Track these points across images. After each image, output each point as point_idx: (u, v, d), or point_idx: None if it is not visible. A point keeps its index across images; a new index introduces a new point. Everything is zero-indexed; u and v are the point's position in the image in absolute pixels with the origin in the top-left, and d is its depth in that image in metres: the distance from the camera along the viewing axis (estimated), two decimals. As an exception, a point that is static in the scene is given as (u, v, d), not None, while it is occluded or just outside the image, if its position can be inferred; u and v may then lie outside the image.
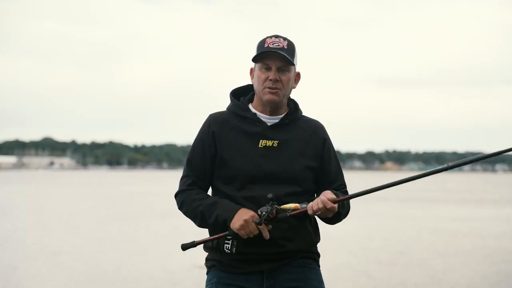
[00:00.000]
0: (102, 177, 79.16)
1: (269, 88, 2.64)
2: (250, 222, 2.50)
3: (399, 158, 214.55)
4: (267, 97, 2.65)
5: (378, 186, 2.52)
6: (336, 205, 2.51)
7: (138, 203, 24.97)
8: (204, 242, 2.62)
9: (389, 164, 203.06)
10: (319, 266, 2.76)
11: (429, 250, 11.22)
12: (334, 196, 2.52)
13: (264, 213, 2.48)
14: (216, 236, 2.58)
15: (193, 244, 2.62)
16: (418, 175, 2.51)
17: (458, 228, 15.47)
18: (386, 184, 2.51)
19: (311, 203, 2.54)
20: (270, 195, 2.50)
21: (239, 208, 2.56)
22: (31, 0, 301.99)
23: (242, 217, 2.51)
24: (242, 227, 2.51)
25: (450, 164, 2.47)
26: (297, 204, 2.53)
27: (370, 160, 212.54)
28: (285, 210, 2.52)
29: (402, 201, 27.47)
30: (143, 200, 27.18)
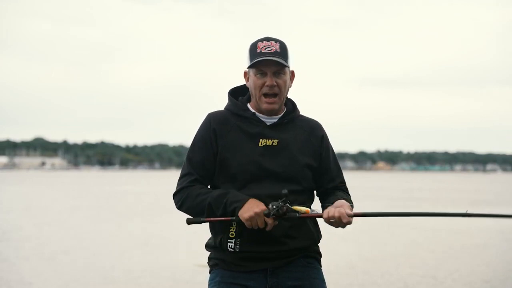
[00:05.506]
0: (95, 177, 78.93)
1: (266, 95, 2.64)
2: (260, 215, 2.49)
3: (391, 158, 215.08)
4: (265, 106, 2.66)
5: (399, 212, 2.56)
6: (351, 220, 2.52)
7: (135, 202, 24.93)
8: (209, 221, 2.60)
9: (381, 164, 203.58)
10: (321, 266, 2.76)
11: (422, 249, 11.25)
12: (350, 211, 2.53)
13: (274, 207, 2.48)
14: (223, 218, 2.56)
15: (199, 221, 2.60)
16: (436, 213, 2.59)
17: (451, 227, 15.51)
18: (408, 213, 2.56)
19: (327, 210, 2.55)
20: (285, 191, 2.49)
21: (249, 198, 2.55)
22: (29, 0, 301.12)
23: (252, 209, 2.50)
24: (250, 218, 2.49)
25: (469, 211, 2.48)
26: (308, 209, 2.55)
27: (362, 160, 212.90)
28: (295, 211, 2.53)
29: (394, 200, 27.53)
30: (140, 199, 27.14)
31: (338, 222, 2.51)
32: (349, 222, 2.52)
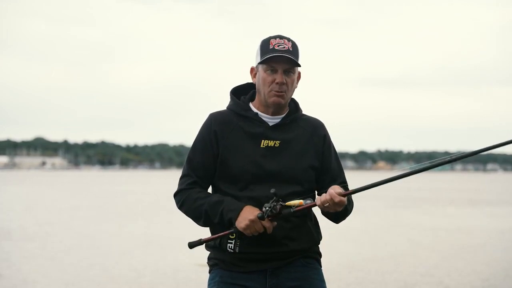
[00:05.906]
0: (95, 177, 78.93)
1: (275, 91, 2.63)
2: (256, 222, 2.50)
3: (391, 157, 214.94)
4: (273, 99, 2.64)
5: (388, 178, 2.50)
6: (344, 199, 2.49)
7: (135, 202, 24.93)
8: (210, 240, 2.61)
9: (381, 163, 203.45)
10: (321, 266, 2.76)
11: (422, 249, 11.27)
12: (341, 190, 2.50)
13: (267, 208, 2.48)
14: (222, 233, 2.58)
15: (200, 242, 2.62)
16: (426, 166, 2.47)
17: (451, 226, 15.53)
18: (395, 176, 2.50)
19: (318, 197, 2.52)
20: (272, 190, 2.48)
21: (244, 207, 2.55)
22: (29, 0, 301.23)
23: (247, 217, 2.51)
24: (248, 227, 2.50)
25: (453, 156, 2.45)
26: (301, 201, 2.52)
27: (363, 159, 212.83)
28: (289, 206, 2.51)
29: (394, 200, 27.53)
30: (140, 199, 27.13)
31: (332, 204, 2.48)
32: (342, 201, 2.48)
